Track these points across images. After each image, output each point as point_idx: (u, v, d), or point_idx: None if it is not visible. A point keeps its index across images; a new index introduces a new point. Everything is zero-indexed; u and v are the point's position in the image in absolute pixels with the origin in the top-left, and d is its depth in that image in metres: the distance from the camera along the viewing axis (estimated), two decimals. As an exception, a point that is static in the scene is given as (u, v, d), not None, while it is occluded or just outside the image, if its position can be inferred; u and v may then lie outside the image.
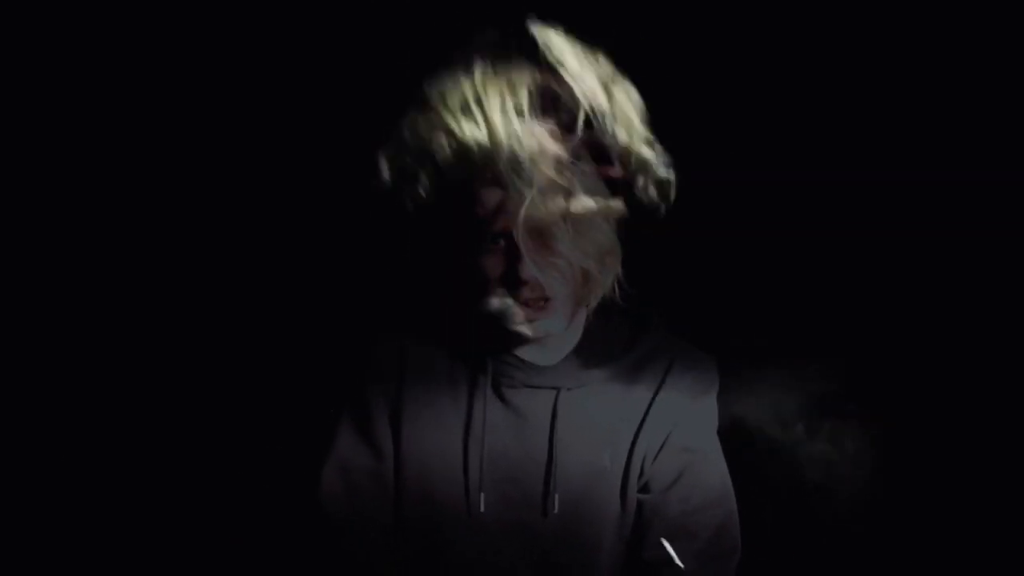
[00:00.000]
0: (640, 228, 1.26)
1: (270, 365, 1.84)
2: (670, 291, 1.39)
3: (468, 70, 1.16)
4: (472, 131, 1.13)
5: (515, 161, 1.12)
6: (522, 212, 1.13)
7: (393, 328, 1.34)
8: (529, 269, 1.16)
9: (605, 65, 1.17)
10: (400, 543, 1.32)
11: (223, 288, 1.86)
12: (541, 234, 1.15)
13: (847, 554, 1.77)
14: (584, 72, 1.14)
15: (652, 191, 1.20)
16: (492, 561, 1.31)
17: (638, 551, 1.32)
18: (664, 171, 1.19)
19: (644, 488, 1.32)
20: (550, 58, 1.14)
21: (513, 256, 1.17)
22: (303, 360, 1.77)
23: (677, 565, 1.28)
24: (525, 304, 1.20)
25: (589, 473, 1.30)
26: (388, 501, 1.32)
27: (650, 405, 1.31)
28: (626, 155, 1.18)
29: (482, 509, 1.29)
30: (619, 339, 1.33)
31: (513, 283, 1.18)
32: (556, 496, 1.29)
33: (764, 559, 1.41)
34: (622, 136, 1.16)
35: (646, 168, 1.18)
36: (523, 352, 1.30)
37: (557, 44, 1.14)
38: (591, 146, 1.18)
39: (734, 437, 1.37)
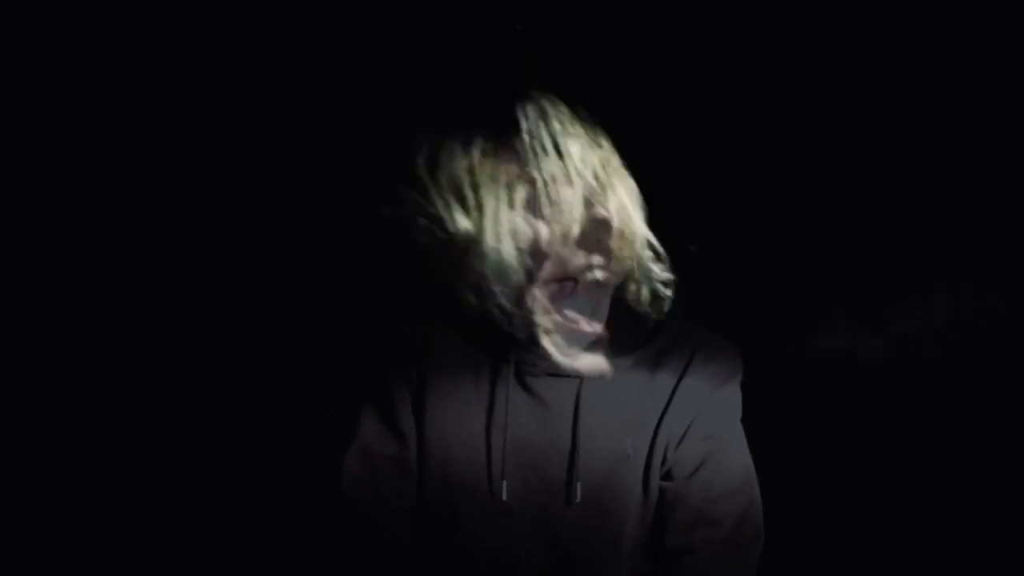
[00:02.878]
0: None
1: (294, 353, 1.84)
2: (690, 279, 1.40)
3: (466, 149, 1.17)
4: (462, 222, 1.15)
5: (500, 264, 1.15)
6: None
7: (417, 316, 1.34)
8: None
9: (608, 151, 1.18)
10: (422, 529, 1.33)
11: (250, 277, 1.87)
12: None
13: (868, 541, 1.78)
14: (586, 168, 1.15)
15: (645, 297, 1.22)
16: (514, 549, 1.31)
17: (660, 539, 1.32)
18: (662, 285, 1.21)
19: (666, 475, 1.32)
20: (552, 147, 1.15)
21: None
22: (327, 346, 1.78)
23: (698, 553, 1.28)
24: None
25: (612, 461, 1.30)
26: (410, 487, 1.33)
27: (673, 393, 1.31)
28: (621, 260, 1.18)
29: (504, 497, 1.29)
30: (643, 327, 1.33)
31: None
32: (579, 484, 1.29)
33: (787, 547, 1.42)
34: (619, 242, 1.17)
35: (643, 277, 1.21)
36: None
37: (560, 130, 1.15)
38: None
39: (757, 424, 1.37)
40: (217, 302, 1.87)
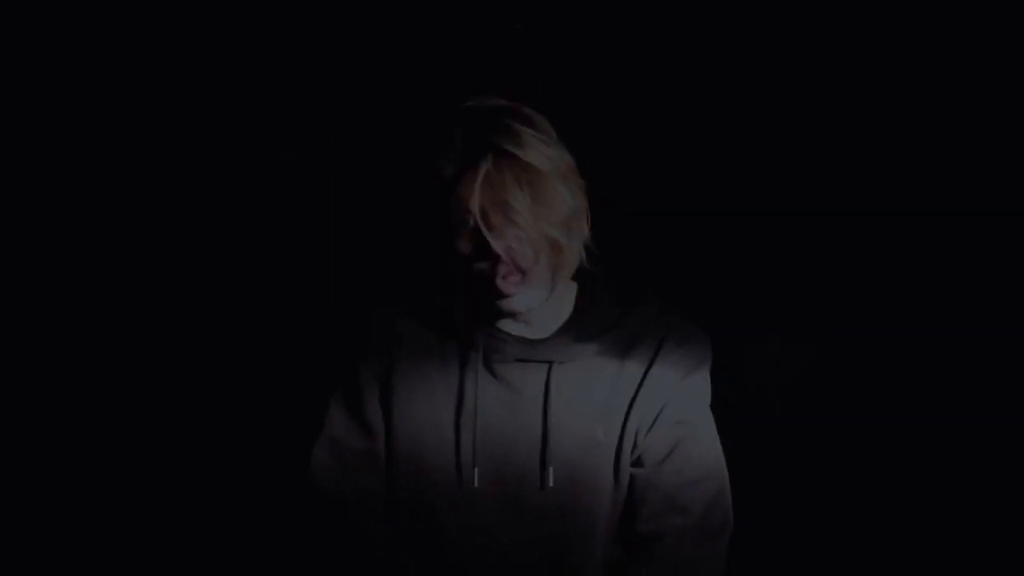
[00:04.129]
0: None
1: (261, 344, 1.86)
2: (660, 262, 1.39)
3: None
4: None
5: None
6: (477, 186, 1.13)
7: (384, 305, 1.34)
8: (495, 243, 1.15)
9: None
10: (394, 518, 1.33)
11: (216, 268, 1.89)
12: (501, 207, 1.14)
13: (839, 529, 1.76)
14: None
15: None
16: (486, 536, 1.31)
17: (631, 525, 1.31)
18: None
19: (637, 462, 1.31)
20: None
21: (482, 233, 1.15)
22: (294, 337, 1.79)
23: (669, 539, 1.27)
24: (501, 278, 1.18)
25: (583, 447, 1.29)
26: (380, 478, 1.33)
27: (643, 378, 1.29)
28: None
29: (475, 484, 1.29)
30: (611, 312, 1.32)
31: (488, 258, 1.17)
32: (550, 470, 1.29)
33: (755, 533, 1.41)
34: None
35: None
36: (514, 327, 1.30)
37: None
38: None
39: (726, 410, 1.36)
40: (207, 296, 1.89)
